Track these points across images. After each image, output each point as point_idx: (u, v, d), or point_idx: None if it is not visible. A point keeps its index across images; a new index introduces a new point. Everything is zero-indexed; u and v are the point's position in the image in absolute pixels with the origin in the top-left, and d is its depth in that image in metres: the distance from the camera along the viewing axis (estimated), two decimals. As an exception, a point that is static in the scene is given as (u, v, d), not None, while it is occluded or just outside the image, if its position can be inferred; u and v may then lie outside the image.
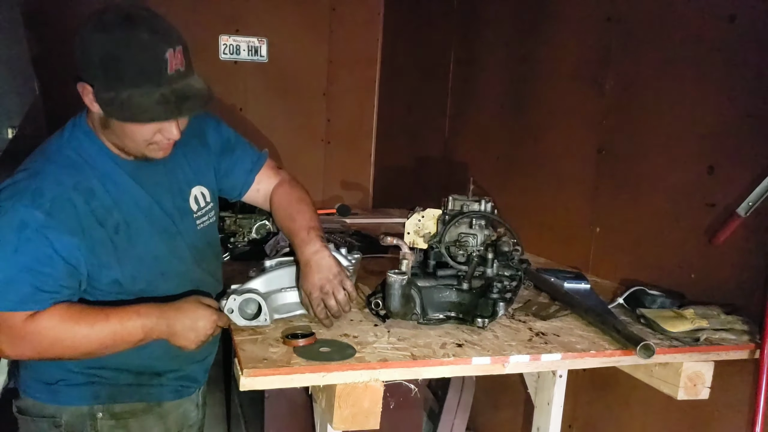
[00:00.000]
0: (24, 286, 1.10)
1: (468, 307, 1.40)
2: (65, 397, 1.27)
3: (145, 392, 1.33)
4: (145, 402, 1.33)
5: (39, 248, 1.10)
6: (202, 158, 1.42)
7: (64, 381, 1.27)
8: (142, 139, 1.17)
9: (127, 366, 1.29)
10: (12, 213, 1.10)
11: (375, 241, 2.09)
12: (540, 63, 2.30)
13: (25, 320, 1.11)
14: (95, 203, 1.18)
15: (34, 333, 1.11)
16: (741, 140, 1.47)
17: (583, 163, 2.02)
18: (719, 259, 1.50)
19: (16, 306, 1.10)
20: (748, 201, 1.41)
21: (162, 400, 1.36)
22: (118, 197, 1.22)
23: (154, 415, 1.34)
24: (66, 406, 1.28)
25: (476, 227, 1.52)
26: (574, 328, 1.40)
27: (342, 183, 4.05)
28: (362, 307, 1.47)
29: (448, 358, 1.19)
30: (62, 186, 1.15)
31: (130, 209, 1.24)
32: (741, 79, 1.47)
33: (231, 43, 3.70)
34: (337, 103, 4.01)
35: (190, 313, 1.22)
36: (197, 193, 1.40)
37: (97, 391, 1.28)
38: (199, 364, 1.45)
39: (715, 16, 1.53)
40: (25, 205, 1.11)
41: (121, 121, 1.14)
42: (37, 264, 1.11)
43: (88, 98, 1.14)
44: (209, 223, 1.44)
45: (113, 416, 1.29)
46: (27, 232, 1.10)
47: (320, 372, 1.11)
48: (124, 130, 1.16)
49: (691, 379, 1.34)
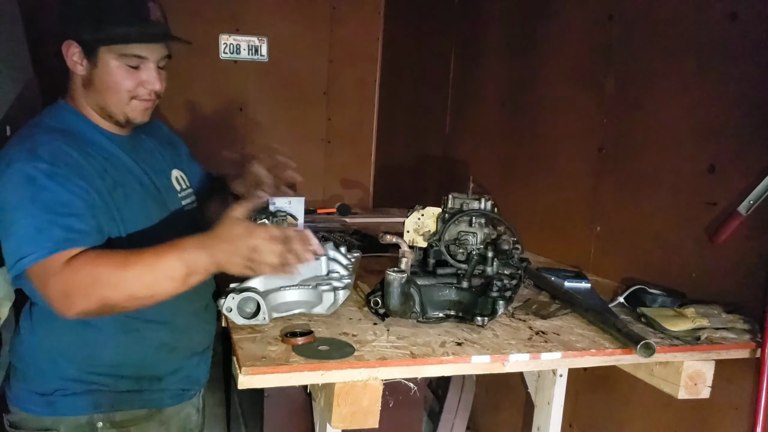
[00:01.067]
0: (54, 230, 1.06)
1: (468, 305, 1.40)
2: (63, 407, 1.22)
3: (147, 398, 1.29)
4: (146, 409, 1.29)
5: (55, 194, 1.08)
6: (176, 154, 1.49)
7: (61, 391, 1.22)
8: (125, 90, 1.19)
9: (127, 371, 1.26)
10: (15, 174, 1.09)
11: (375, 240, 2.08)
12: (541, 61, 2.29)
13: (63, 265, 1.05)
14: (91, 160, 1.18)
15: (74, 276, 1.04)
16: (742, 139, 1.46)
17: (583, 161, 2.01)
18: (720, 258, 1.50)
19: (54, 248, 1.05)
20: (749, 199, 1.41)
21: (163, 406, 1.33)
22: (109, 160, 1.22)
23: (156, 422, 1.30)
24: (64, 417, 1.22)
25: (476, 225, 1.52)
26: (575, 326, 1.40)
27: (342, 182, 4.05)
28: (361, 305, 1.46)
29: (448, 356, 1.19)
30: (56, 141, 1.15)
31: (122, 172, 1.23)
32: (742, 78, 1.47)
33: (231, 42, 3.70)
34: (338, 103, 4.01)
35: (228, 235, 1.05)
36: (177, 175, 1.44)
37: (97, 400, 1.23)
38: (198, 357, 1.42)
39: (716, 15, 1.53)
40: (25, 161, 1.09)
41: (108, 44, 1.15)
42: (60, 207, 1.08)
43: (74, 57, 1.17)
44: (192, 207, 1.46)
45: (114, 425, 1.24)
46: (37, 182, 1.08)
47: (319, 370, 1.11)
48: (107, 82, 1.18)
49: (692, 378, 1.34)
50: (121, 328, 1.24)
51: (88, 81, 1.20)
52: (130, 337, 1.26)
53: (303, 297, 1.35)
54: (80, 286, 1.04)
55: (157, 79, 1.23)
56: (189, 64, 3.36)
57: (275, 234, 1.05)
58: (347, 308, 1.43)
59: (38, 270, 1.06)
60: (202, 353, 1.44)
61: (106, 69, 1.18)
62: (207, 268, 1.07)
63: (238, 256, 1.04)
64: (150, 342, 1.28)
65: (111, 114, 1.24)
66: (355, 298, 1.51)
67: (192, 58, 3.34)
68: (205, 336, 1.38)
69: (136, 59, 1.19)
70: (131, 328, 1.25)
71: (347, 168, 4.08)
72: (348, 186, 4.05)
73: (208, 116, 3.69)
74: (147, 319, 1.26)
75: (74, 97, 1.24)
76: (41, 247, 1.05)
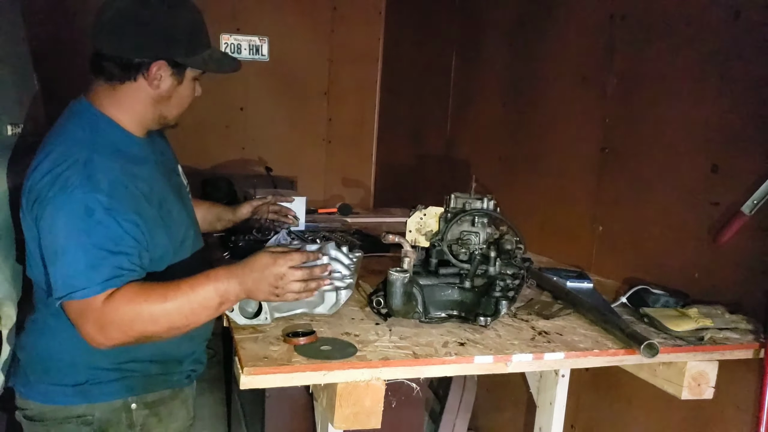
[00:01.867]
0: (105, 268, 1.12)
1: (470, 305, 1.40)
2: (97, 394, 1.28)
3: (171, 380, 1.38)
4: (171, 389, 1.38)
5: (110, 229, 1.13)
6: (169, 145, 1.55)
7: (93, 380, 1.28)
8: (188, 101, 1.34)
9: (155, 356, 1.33)
10: (74, 202, 1.12)
11: (376, 240, 2.08)
12: (542, 61, 2.29)
13: (103, 303, 1.11)
14: (139, 184, 1.24)
15: (114, 313, 1.11)
16: (745, 138, 1.46)
17: (585, 161, 2.01)
18: (723, 258, 1.49)
19: (102, 287, 1.11)
20: (752, 199, 1.40)
21: (182, 386, 1.42)
22: (151, 177, 1.30)
23: (179, 401, 1.40)
24: (97, 404, 1.29)
25: (479, 225, 1.51)
26: (577, 327, 1.39)
27: (343, 182, 4.05)
28: (363, 305, 1.46)
29: (451, 356, 1.18)
30: (113, 171, 1.19)
31: (161, 186, 1.32)
32: (746, 77, 1.46)
33: (232, 42, 3.70)
34: (339, 102, 4.01)
35: (256, 265, 1.17)
36: (180, 170, 1.53)
37: (130, 384, 1.30)
38: (206, 342, 1.51)
39: (719, 13, 1.52)
40: (85, 191, 1.13)
41: (215, 71, 1.32)
42: (113, 245, 1.13)
43: (157, 76, 1.25)
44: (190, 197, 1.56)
45: (147, 406, 1.33)
46: (95, 215, 1.12)
47: (321, 371, 1.10)
48: (184, 96, 1.32)
49: (695, 379, 1.33)
50: None
51: (164, 97, 1.29)
52: None
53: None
54: (121, 322, 1.12)
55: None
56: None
57: (298, 261, 1.19)
58: (349, 308, 1.43)
59: (79, 306, 1.12)
60: (209, 339, 1.53)
61: (186, 86, 1.31)
62: (238, 295, 1.17)
63: (265, 284, 1.17)
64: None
65: (167, 123, 1.35)
66: (357, 297, 1.51)
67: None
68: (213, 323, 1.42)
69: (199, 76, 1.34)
70: None
71: (348, 168, 4.08)
72: (349, 186, 4.05)
73: (209, 116, 3.68)
74: None
75: (109, 102, 1.27)
76: (92, 283, 1.11)
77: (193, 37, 1.28)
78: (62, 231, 1.13)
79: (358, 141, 4.08)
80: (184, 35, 1.27)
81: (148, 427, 1.33)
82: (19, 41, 1.94)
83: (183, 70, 1.29)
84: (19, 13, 1.94)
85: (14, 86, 1.83)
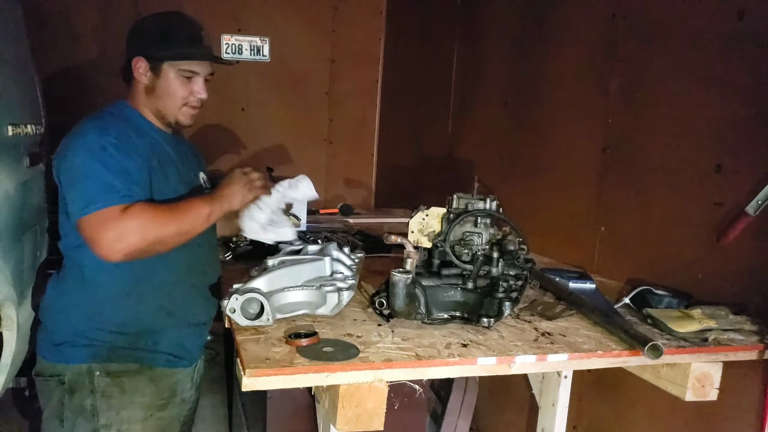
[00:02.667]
0: (120, 188, 1.33)
1: (473, 306, 1.39)
2: (69, 356, 1.42)
3: (139, 356, 1.45)
4: (138, 364, 1.45)
5: (120, 161, 1.36)
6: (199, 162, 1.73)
7: (69, 342, 1.42)
8: (180, 97, 1.49)
9: (127, 328, 1.43)
10: (90, 143, 1.37)
11: (378, 241, 2.08)
12: (544, 60, 2.28)
13: (120, 213, 1.30)
14: (143, 142, 1.45)
15: (132, 220, 1.30)
16: (749, 138, 1.45)
17: (588, 161, 2.00)
18: (727, 259, 1.49)
19: (119, 200, 1.31)
20: (757, 200, 1.39)
21: (154, 365, 1.47)
22: (156, 147, 1.50)
23: (146, 377, 1.46)
24: (69, 365, 1.41)
25: (481, 226, 1.50)
26: (580, 328, 1.39)
27: (344, 182, 4.04)
28: (366, 306, 1.45)
29: (453, 358, 1.18)
30: (120, 126, 1.44)
31: (164, 157, 1.50)
32: (749, 76, 1.46)
33: (233, 42, 3.69)
34: (340, 103, 4.00)
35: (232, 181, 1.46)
36: (203, 176, 1.69)
37: (96, 351, 1.41)
38: (193, 329, 1.55)
39: (723, 12, 1.52)
40: (98, 135, 1.38)
41: (172, 58, 1.46)
42: (124, 173, 1.35)
43: (139, 69, 1.47)
44: None
45: (109, 374, 1.42)
46: (108, 150, 1.35)
47: (323, 372, 1.10)
48: (167, 90, 1.48)
49: (699, 380, 1.33)
50: (125, 290, 1.43)
51: (150, 89, 1.49)
52: (132, 298, 1.43)
53: (307, 298, 1.35)
54: (137, 227, 1.30)
55: (204, 90, 1.53)
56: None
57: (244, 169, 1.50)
58: (351, 309, 1.42)
59: (98, 217, 1.30)
60: (197, 326, 1.56)
61: (166, 79, 1.48)
62: (221, 204, 1.42)
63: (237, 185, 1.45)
64: (150, 305, 1.45)
65: (165, 116, 1.52)
66: (359, 298, 1.50)
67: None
68: (202, 311, 1.56)
69: (189, 73, 1.49)
70: (134, 291, 1.43)
71: (349, 168, 4.07)
72: (350, 186, 4.04)
73: (211, 116, 3.68)
74: (151, 284, 1.44)
75: (135, 99, 1.52)
76: (109, 198, 1.31)
77: (166, 36, 1.48)
78: (81, 165, 1.34)
79: (359, 141, 4.08)
80: (157, 35, 1.49)
81: (109, 394, 1.42)
82: (21, 42, 1.94)
83: (159, 63, 1.47)
84: (21, 15, 1.94)
85: (16, 87, 1.83)
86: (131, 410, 1.43)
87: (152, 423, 1.47)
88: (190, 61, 1.49)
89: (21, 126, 1.78)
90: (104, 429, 1.42)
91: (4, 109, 1.70)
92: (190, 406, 1.62)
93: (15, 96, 1.81)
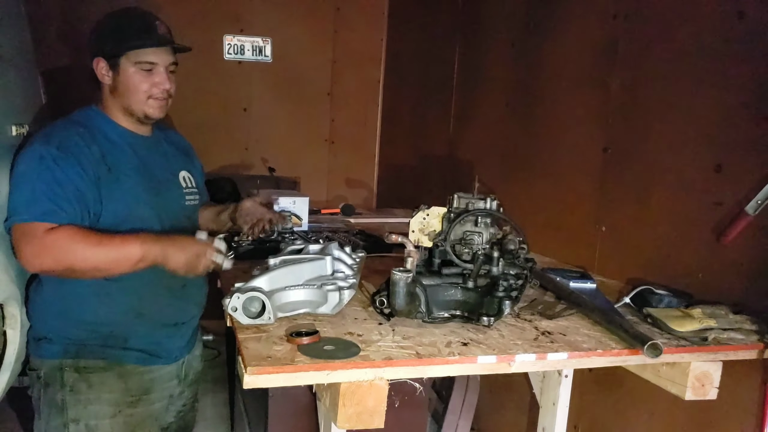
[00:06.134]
0: (45, 203, 1.34)
1: (473, 305, 1.40)
2: (44, 351, 1.48)
3: (108, 353, 1.49)
4: (106, 361, 1.49)
5: (55, 174, 1.36)
6: (189, 161, 1.73)
7: (45, 339, 1.48)
8: (142, 90, 1.48)
9: (97, 327, 1.47)
10: (31, 152, 1.39)
11: (379, 240, 2.08)
12: (545, 61, 2.29)
13: (45, 232, 1.32)
14: (94, 147, 1.44)
15: (51, 243, 1.32)
16: (749, 138, 1.45)
17: (588, 161, 2.01)
18: (727, 259, 1.49)
19: (39, 217, 1.32)
20: (756, 199, 1.40)
21: (124, 362, 1.50)
22: (113, 149, 1.48)
23: (114, 374, 1.49)
24: (44, 360, 1.48)
25: (482, 225, 1.51)
26: (581, 327, 1.39)
27: (346, 182, 4.05)
28: (367, 305, 1.46)
29: (454, 356, 1.18)
30: (68, 131, 1.44)
31: (120, 160, 1.49)
32: (749, 77, 1.46)
33: (235, 43, 3.70)
34: (341, 103, 4.01)
35: (183, 242, 1.42)
36: (184, 175, 1.67)
37: (67, 348, 1.47)
38: (169, 330, 1.57)
39: (723, 13, 1.52)
40: (40, 144, 1.39)
41: (126, 50, 1.45)
42: (55, 186, 1.35)
43: (102, 70, 1.48)
44: (193, 204, 1.69)
45: (77, 370, 1.47)
46: (45, 162, 1.36)
47: (324, 370, 1.10)
48: (128, 85, 1.47)
49: (699, 379, 1.33)
50: (95, 292, 1.45)
51: (113, 88, 1.49)
52: (102, 299, 1.46)
53: (308, 297, 1.35)
54: (55, 252, 1.32)
55: (167, 80, 1.50)
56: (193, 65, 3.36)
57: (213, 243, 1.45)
58: (352, 308, 1.43)
59: (22, 229, 1.34)
60: (174, 326, 1.59)
61: (126, 75, 1.47)
62: (155, 257, 1.38)
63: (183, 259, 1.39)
64: (119, 306, 1.48)
65: (133, 112, 1.50)
66: (360, 297, 1.51)
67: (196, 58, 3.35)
68: (177, 312, 1.58)
69: (148, 64, 1.48)
70: (104, 292, 1.46)
71: (351, 168, 4.08)
72: (352, 186, 4.05)
73: (213, 116, 3.70)
74: (120, 286, 1.46)
75: (103, 102, 1.53)
76: (31, 212, 1.33)
77: (119, 31, 1.48)
78: (18, 173, 1.38)
79: (361, 141, 4.09)
80: (111, 32, 1.49)
81: (77, 389, 1.47)
82: (24, 43, 1.95)
83: (116, 60, 1.47)
84: (24, 16, 1.95)
85: (19, 87, 1.84)
86: (99, 405, 1.48)
87: (121, 419, 1.50)
88: (145, 50, 1.46)
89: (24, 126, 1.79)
90: (73, 423, 1.46)
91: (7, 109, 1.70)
92: (183, 401, 1.66)
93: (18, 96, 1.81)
